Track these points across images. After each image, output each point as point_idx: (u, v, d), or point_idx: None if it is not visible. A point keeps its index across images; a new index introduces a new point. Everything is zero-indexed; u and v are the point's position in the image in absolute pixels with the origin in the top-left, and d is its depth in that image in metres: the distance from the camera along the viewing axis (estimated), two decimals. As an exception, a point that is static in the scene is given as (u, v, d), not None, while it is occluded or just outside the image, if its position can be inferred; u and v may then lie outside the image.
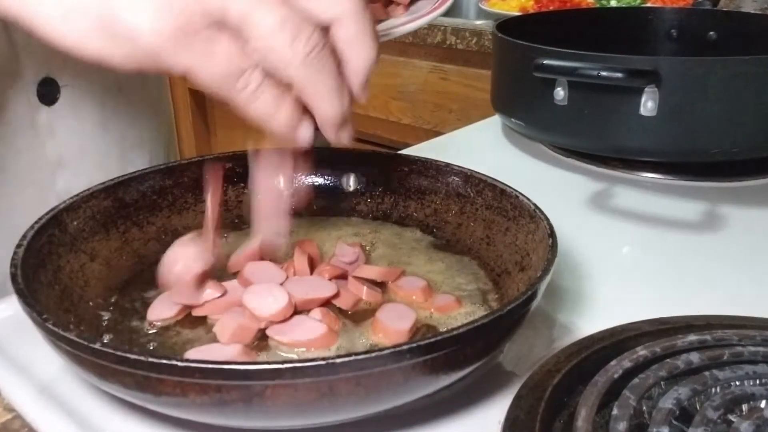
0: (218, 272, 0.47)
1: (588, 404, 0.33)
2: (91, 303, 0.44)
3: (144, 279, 0.48)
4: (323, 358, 0.30)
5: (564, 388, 0.36)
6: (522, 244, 0.47)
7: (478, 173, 0.53)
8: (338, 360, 0.31)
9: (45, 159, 0.57)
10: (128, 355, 0.31)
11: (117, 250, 0.49)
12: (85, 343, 0.32)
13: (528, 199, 0.48)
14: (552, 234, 0.43)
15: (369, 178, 0.58)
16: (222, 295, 0.44)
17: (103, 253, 0.48)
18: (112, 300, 0.46)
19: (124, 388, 0.33)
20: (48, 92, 0.54)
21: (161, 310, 0.43)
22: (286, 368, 0.30)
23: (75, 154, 0.59)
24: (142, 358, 0.31)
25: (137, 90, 0.64)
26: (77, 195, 0.48)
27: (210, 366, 0.31)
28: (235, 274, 0.47)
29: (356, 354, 0.31)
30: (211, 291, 0.44)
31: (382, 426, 0.37)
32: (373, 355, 0.31)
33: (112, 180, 0.50)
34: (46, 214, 0.44)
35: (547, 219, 0.45)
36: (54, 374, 0.41)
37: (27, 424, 0.38)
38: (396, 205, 0.57)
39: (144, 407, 0.36)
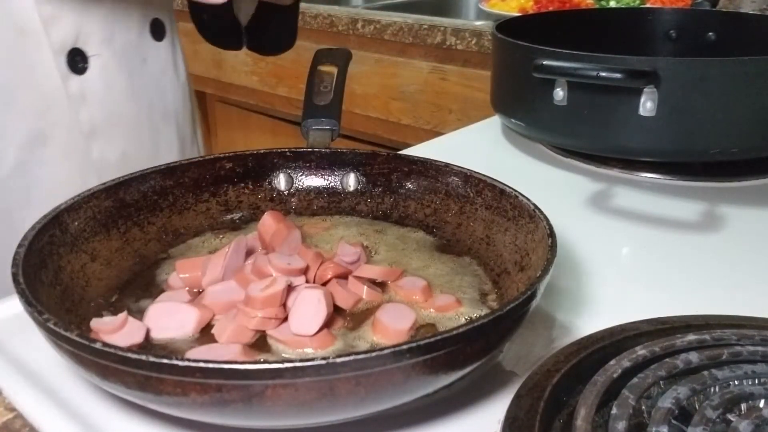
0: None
1: (587, 403, 0.33)
2: (92, 303, 0.44)
3: (145, 279, 0.49)
4: (323, 358, 0.31)
5: (563, 388, 0.36)
6: (521, 244, 0.47)
7: (478, 173, 0.53)
8: (338, 360, 0.31)
9: (79, 128, 0.58)
10: (129, 355, 0.31)
11: (118, 250, 0.49)
12: (87, 342, 0.32)
13: (527, 199, 0.48)
14: (551, 234, 0.43)
15: (369, 178, 0.58)
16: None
17: (104, 253, 0.48)
18: (113, 300, 0.46)
19: (126, 387, 0.33)
20: (77, 62, 0.57)
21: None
22: (287, 368, 0.30)
23: (107, 123, 0.60)
24: (143, 357, 0.31)
25: (160, 62, 0.65)
26: (78, 195, 0.48)
27: (210, 366, 0.31)
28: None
29: (356, 353, 0.31)
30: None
31: (382, 426, 0.38)
32: (373, 354, 0.31)
33: (112, 180, 0.50)
34: (47, 214, 0.44)
35: (547, 219, 0.45)
36: (55, 374, 0.41)
37: (28, 424, 0.38)
38: (396, 205, 0.57)
39: (145, 407, 0.36)
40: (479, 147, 0.85)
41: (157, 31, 0.65)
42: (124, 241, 0.50)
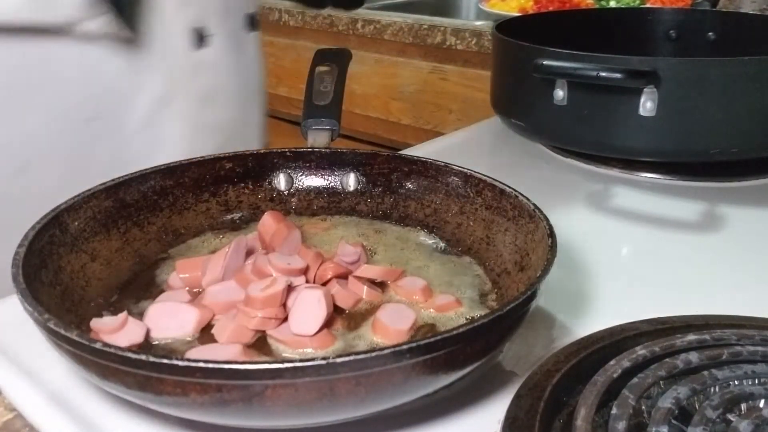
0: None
1: (587, 403, 0.33)
2: (92, 303, 0.44)
3: (145, 279, 0.49)
4: (323, 358, 0.31)
5: (563, 388, 0.36)
6: (521, 244, 0.47)
7: (478, 173, 0.53)
8: (338, 360, 0.31)
9: (195, 93, 0.68)
10: (129, 355, 0.31)
11: (118, 250, 0.49)
12: (87, 342, 0.32)
13: (527, 199, 0.48)
14: (551, 234, 0.43)
15: (369, 178, 0.58)
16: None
17: (104, 253, 0.48)
18: (113, 300, 0.46)
19: (125, 387, 0.33)
20: (198, 38, 0.67)
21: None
22: (286, 368, 0.30)
23: (218, 91, 0.71)
24: (143, 357, 0.31)
25: (250, 49, 0.76)
26: (78, 195, 0.48)
27: (210, 366, 0.31)
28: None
29: (356, 353, 0.31)
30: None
31: (382, 426, 0.38)
32: (373, 354, 0.31)
33: (112, 180, 0.50)
34: (47, 214, 0.44)
35: (547, 219, 0.45)
36: (55, 374, 0.41)
37: (28, 424, 0.38)
38: (396, 205, 0.57)
39: (145, 407, 0.36)
40: (479, 147, 0.85)
41: (251, 24, 0.76)
42: (124, 241, 0.50)
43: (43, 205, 0.46)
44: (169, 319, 0.42)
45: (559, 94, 0.69)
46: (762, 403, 0.35)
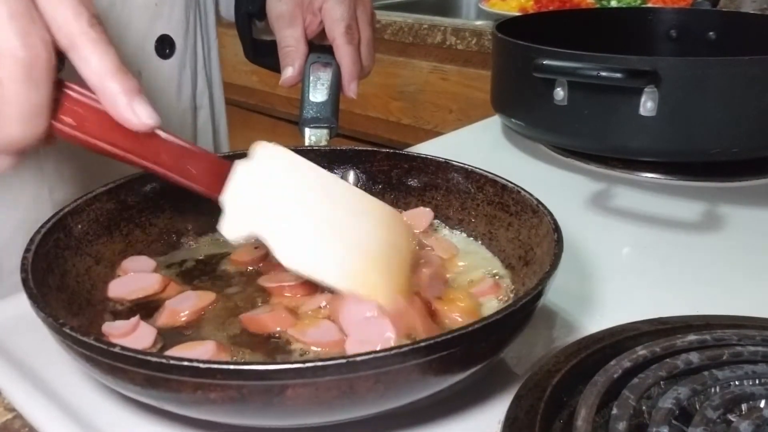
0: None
1: (587, 404, 0.34)
2: (98, 306, 0.44)
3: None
4: (344, 357, 0.31)
5: (564, 388, 0.37)
6: (525, 238, 0.47)
7: (479, 169, 0.53)
8: (359, 358, 0.31)
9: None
10: (149, 358, 0.31)
11: (121, 252, 0.49)
12: (105, 347, 0.32)
13: (530, 194, 0.48)
14: (557, 228, 0.43)
15: (369, 175, 0.58)
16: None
17: (108, 255, 0.48)
18: (119, 303, 0.46)
19: (142, 389, 0.33)
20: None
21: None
22: (308, 367, 0.31)
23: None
24: (163, 360, 0.31)
25: (159, 80, 0.66)
26: (80, 198, 0.48)
27: (231, 367, 0.31)
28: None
29: (376, 351, 0.31)
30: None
31: (383, 425, 0.38)
32: (393, 352, 0.31)
33: (114, 182, 0.50)
34: (51, 218, 0.44)
35: (551, 213, 0.45)
36: (55, 374, 0.41)
37: (27, 424, 0.38)
38: (397, 202, 0.57)
39: (144, 406, 0.36)
40: (479, 147, 0.85)
41: (164, 48, 0.64)
42: (126, 243, 0.50)
43: None
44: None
45: (560, 93, 0.69)
46: (762, 404, 0.35)
